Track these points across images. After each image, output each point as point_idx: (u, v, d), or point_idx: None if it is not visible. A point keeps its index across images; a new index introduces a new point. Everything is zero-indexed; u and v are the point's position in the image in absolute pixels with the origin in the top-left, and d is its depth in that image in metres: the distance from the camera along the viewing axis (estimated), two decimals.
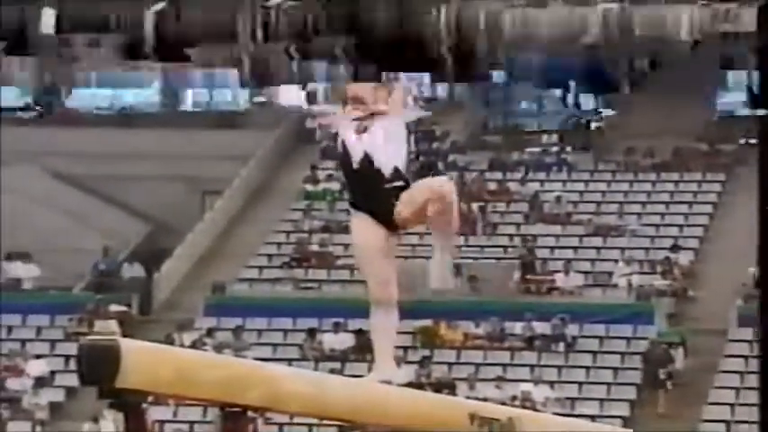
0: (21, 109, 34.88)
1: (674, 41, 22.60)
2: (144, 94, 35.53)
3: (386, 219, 5.99)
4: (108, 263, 29.03)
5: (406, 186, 6.03)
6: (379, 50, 21.67)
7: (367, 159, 6.00)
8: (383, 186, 5.98)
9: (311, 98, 33.30)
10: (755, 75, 31.65)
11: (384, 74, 23.41)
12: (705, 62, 31.44)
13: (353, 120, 6.08)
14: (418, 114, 6.06)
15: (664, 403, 24.10)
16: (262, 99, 34.48)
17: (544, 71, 30.15)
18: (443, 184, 6.05)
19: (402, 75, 28.17)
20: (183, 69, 35.78)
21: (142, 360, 4.76)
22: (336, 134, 6.15)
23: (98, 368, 4.70)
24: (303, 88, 34.36)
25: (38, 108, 35.06)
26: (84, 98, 35.39)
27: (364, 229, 6.01)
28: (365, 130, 6.02)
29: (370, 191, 5.99)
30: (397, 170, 6.02)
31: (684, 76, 30.67)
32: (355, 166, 6.01)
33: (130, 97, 35.15)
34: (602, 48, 22.21)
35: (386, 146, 6.01)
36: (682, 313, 26.27)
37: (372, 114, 6.07)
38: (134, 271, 28.96)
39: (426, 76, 32.92)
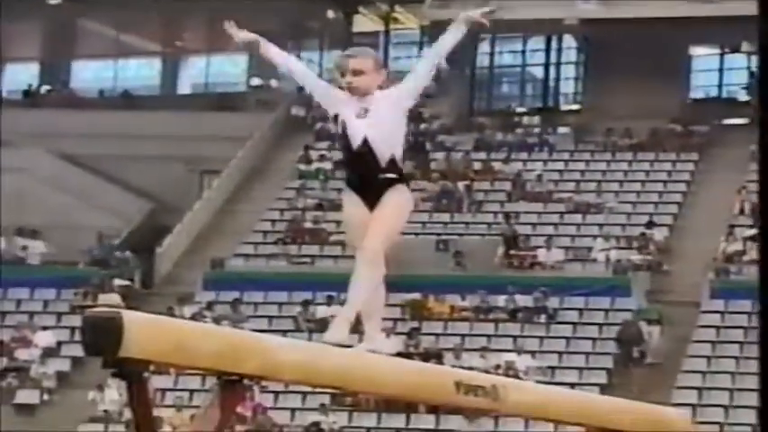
0: (26, 92, 34.80)
1: None
2: (144, 77, 35.47)
3: (373, 204, 5.93)
4: (102, 249, 28.94)
5: (400, 179, 5.95)
6: None
7: (366, 145, 5.90)
8: (377, 175, 5.91)
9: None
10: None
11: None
12: (678, 45, 31.49)
13: (356, 101, 5.94)
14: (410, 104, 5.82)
15: (639, 376, 24.11)
16: (258, 82, 34.41)
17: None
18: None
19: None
20: (182, 52, 35.75)
21: (143, 331, 4.75)
22: (336, 116, 6.01)
23: (101, 339, 4.69)
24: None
25: (42, 90, 34.99)
26: (86, 81, 35.32)
27: (353, 206, 5.96)
28: (366, 113, 5.93)
29: (365, 176, 5.92)
30: (393, 161, 5.93)
31: (659, 59, 30.68)
32: (354, 148, 5.92)
33: (131, 81, 35.08)
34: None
35: (385, 133, 5.91)
36: (657, 287, 26.31)
37: (371, 93, 5.94)
38: (125, 257, 28.75)
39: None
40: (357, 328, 5.95)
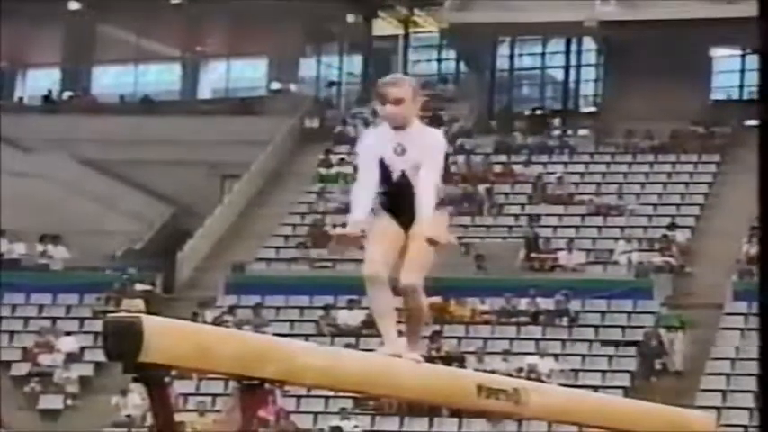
0: (45, 97, 34.91)
1: None
2: (165, 82, 35.55)
3: (406, 224, 5.99)
4: (124, 254, 29.01)
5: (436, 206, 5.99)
6: None
7: (405, 177, 6.02)
8: (414, 201, 5.99)
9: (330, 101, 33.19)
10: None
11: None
12: (699, 47, 31.39)
13: (393, 134, 5.97)
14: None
15: (662, 381, 23.93)
16: (278, 87, 34.45)
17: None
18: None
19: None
20: (202, 57, 35.82)
21: (164, 336, 4.74)
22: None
23: (122, 344, 4.68)
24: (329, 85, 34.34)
25: (64, 96, 35.10)
26: (107, 87, 35.41)
27: (386, 222, 6.04)
28: (403, 152, 6.00)
29: (402, 202, 6.01)
30: None
31: (679, 61, 30.59)
32: (394, 180, 6.03)
33: (152, 86, 35.17)
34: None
35: (422, 169, 6.00)
36: (679, 289, 26.21)
37: (409, 125, 5.96)
38: (147, 262, 28.73)
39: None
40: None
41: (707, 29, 30.14)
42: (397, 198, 6.01)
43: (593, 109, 33.04)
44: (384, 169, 6.02)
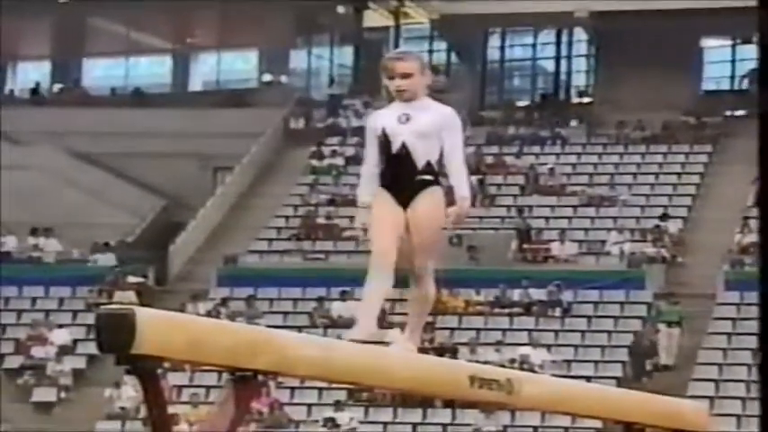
0: (33, 90, 34.83)
1: None
2: (156, 74, 35.50)
3: (405, 203, 5.95)
4: (116, 246, 29.01)
5: (435, 181, 5.95)
6: None
7: (404, 148, 5.93)
8: (413, 177, 5.93)
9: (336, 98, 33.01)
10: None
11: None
12: (690, 37, 31.40)
13: (399, 106, 5.93)
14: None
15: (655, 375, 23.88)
16: (269, 78, 34.41)
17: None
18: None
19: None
20: (193, 49, 35.77)
21: (156, 328, 4.74)
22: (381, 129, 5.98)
23: (114, 336, 4.68)
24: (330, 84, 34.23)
25: (54, 89, 35.04)
26: (97, 79, 35.36)
27: (383, 203, 5.99)
28: (407, 120, 5.92)
29: (400, 176, 5.95)
30: (429, 164, 5.96)
31: (670, 51, 30.60)
32: (393, 151, 5.94)
33: (142, 78, 35.11)
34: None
35: (422, 142, 5.93)
36: (672, 279, 26.24)
37: (417, 98, 5.93)
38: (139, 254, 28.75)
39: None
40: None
41: (697, 19, 30.15)
42: (396, 172, 5.93)
43: (584, 100, 33.05)
44: (385, 141, 5.95)
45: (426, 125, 5.93)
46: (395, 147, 5.95)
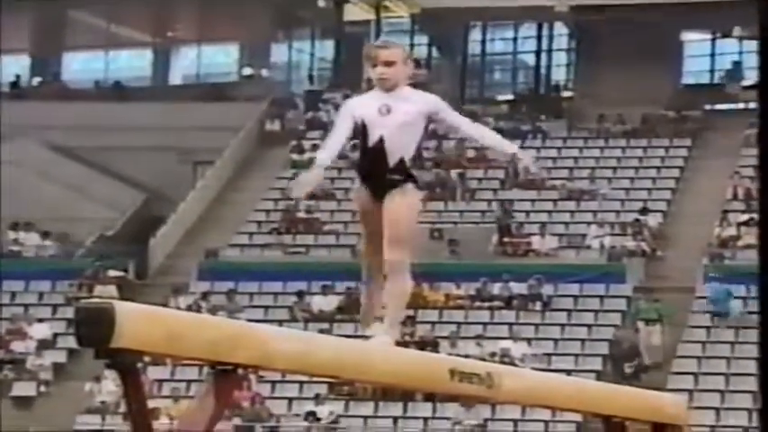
0: (13, 83, 34.69)
1: None
2: (136, 67, 35.39)
3: (380, 197, 5.95)
4: (96, 240, 28.99)
5: (405, 180, 5.93)
6: None
7: (381, 142, 5.92)
8: (384, 174, 5.93)
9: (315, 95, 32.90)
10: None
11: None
12: (670, 31, 31.47)
13: (380, 96, 5.92)
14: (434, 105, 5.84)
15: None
16: (250, 72, 34.35)
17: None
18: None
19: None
20: (173, 43, 35.68)
21: (136, 322, 4.73)
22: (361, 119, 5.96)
23: (94, 330, 4.67)
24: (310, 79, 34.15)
25: (34, 82, 34.91)
26: (77, 73, 35.24)
27: (361, 197, 6.02)
28: (388, 112, 5.92)
29: (373, 171, 5.96)
30: (401, 161, 5.94)
31: (650, 45, 30.65)
32: (370, 144, 5.94)
33: (123, 72, 35.00)
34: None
35: (400, 136, 5.92)
36: (651, 273, 26.30)
37: (399, 87, 5.91)
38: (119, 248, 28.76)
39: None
40: (354, 317, 5.94)
41: (678, 13, 30.21)
42: (371, 165, 5.95)
43: (565, 94, 33.08)
44: (363, 132, 5.94)
45: (408, 115, 5.94)
46: (371, 140, 5.95)
